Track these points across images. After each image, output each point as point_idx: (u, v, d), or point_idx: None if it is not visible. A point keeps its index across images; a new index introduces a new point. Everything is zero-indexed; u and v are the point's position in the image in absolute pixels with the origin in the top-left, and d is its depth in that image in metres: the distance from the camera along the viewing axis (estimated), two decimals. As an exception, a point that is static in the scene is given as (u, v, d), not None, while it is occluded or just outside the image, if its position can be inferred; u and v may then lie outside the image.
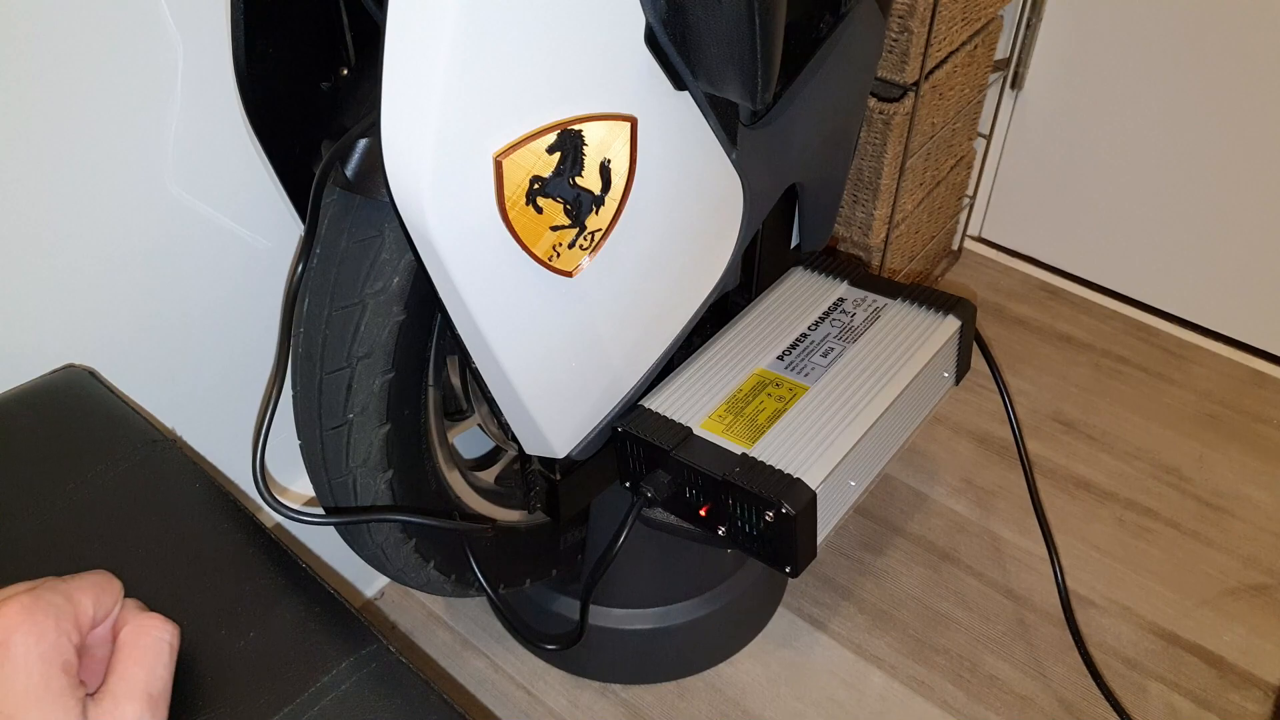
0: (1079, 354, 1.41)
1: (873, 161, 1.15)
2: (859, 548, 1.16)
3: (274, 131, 0.66)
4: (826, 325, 0.80)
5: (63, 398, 0.60)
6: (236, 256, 0.77)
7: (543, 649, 1.04)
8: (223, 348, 0.80)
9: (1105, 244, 1.47)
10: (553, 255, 0.55)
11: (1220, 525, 1.18)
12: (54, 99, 0.61)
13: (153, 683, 0.39)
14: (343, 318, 0.60)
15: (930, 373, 0.77)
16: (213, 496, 0.54)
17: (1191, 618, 1.08)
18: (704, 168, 0.62)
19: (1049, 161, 1.46)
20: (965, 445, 1.28)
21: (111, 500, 0.53)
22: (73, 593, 0.39)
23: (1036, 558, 1.14)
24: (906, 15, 1.03)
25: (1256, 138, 1.26)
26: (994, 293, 1.51)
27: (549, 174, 0.52)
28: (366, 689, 0.45)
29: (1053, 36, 1.36)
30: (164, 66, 0.66)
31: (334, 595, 0.49)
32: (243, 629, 0.47)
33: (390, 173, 0.49)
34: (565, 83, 0.50)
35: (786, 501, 0.64)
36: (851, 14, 0.69)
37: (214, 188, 0.73)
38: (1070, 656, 1.03)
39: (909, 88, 1.10)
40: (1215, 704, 1.00)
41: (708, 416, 0.72)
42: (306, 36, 0.64)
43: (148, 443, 0.57)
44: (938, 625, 1.08)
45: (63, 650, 0.37)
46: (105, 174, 0.66)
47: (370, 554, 0.72)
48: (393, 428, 0.65)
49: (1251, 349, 1.40)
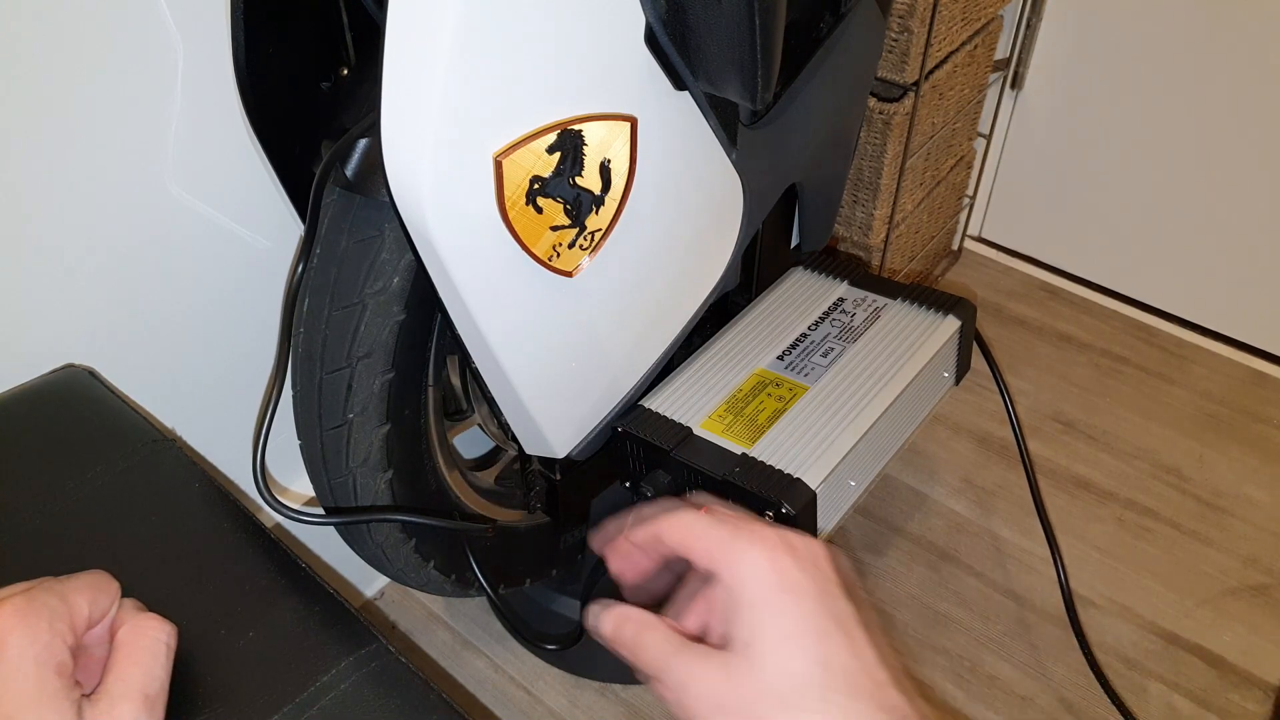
0: (1079, 354, 1.41)
1: (873, 161, 1.15)
2: (859, 548, 1.16)
3: (274, 131, 0.66)
4: (826, 325, 0.80)
5: (63, 397, 0.60)
6: (236, 256, 0.77)
7: (543, 649, 1.04)
8: (222, 347, 0.80)
9: (1105, 244, 1.47)
10: (553, 255, 0.55)
11: (1220, 525, 1.18)
12: (54, 99, 0.61)
13: (149, 683, 0.39)
14: (343, 318, 0.60)
15: (930, 373, 0.77)
16: (212, 496, 0.54)
17: (1191, 618, 1.08)
18: (704, 168, 0.62)
19: (1049, 161, 1.46)
20: (965, 445, 1.28)
21: (111, 500, 0.53)
22: (68, 594, 0.39)
23: (1037, 558, 1.14)
24: (906, 15, 1.03)
25: (1257, 138, 1.26)
26: (994, 293, 1.51)
27: (549, 174, 0.52)
28: (366, 688, 0.45)
29: (1053, 36, 1.36)
30: (164, 66, 0.66)
31: (333, 595, 0.49)
32: (242, 628, 0.47)
33: (390, 173, 0.49)
34: (565, 83, 0.50)
35: (786, 501, 0.64)
36: (851, 14, 0.69)
37: (214, 188, 0.73)
38: (1070, 656, 1.03)
39: (909, 88, 1.10)
40: (1215, 704, 1.00)
41: (708, 416, 0.72)
42: (306, 36, 0.64)
43: (147, 442, 0.57)
44: (938, 625, 1.08)
45: (56, 652, 0.37)
46: (105, 174, 0.66)
47: (370, 554, 0.73)
48: (393, 428, 0.65)
49: (1251, 349, 1.40)
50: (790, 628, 0.38)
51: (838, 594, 0.41)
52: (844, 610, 0.40)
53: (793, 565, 0.40)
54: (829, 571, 0.41)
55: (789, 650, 0.38)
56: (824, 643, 0.38)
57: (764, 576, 0.39)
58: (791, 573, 0.39)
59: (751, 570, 0.39)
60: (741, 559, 0.40)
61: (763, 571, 0.39)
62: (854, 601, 0.41)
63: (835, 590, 0.41)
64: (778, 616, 0.39)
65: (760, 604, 0.39)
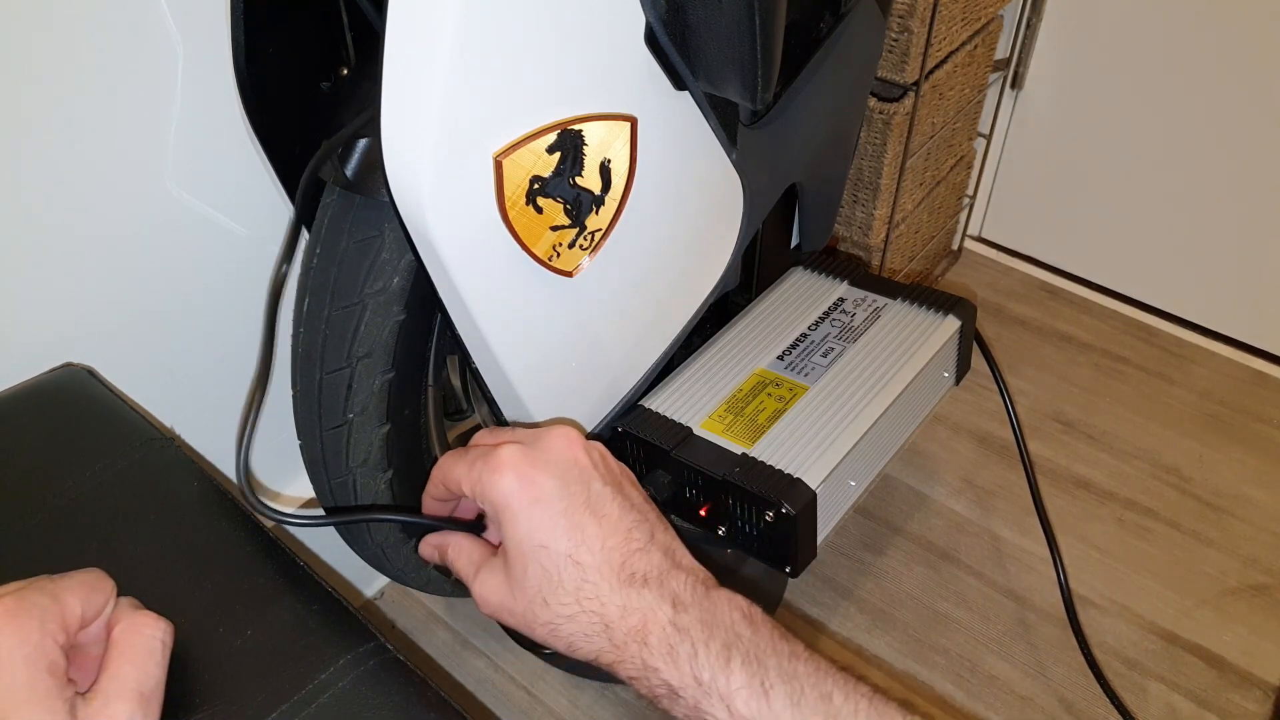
0: (1079, 354, 1.41)
1: (873, 161, 1.15)
2: (859, 548, 1.16)
3: (274, 131, 0.66)
4: (826, 325, 0.80)
5: (61, 396, 0.61)
6: (236, 256, 0.77)
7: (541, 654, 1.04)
8: (222, 347, 0.80)
9: (1105, 244, 1.47)
10: (553, 255, 0.55)
11: (1220, 525, 1.18)
12: (54, 99, 0.61)
13: (144, 681, 0.39)
14: (343, 318, 0.60)
15: (930, 373, 0.77)
16: (211, 495, 0.54)
17: (1191, 618, 1.08)
18: (704, 168, 0.62)
19: (1049, 161, 1.46)
20: (965, 445, 1.28)
21: (110, 498, 0.53)
22: (60, 593, 0.39)
23: (1037, 558, 1.14)
24: (906, 15, 1.03)
25: (1257, 137, 1.26)
26: (994, 293, 1.51)
27: (549, 174, 0.52)
28: (364, 686, 0.45)
29: (1053, 36, 1.36)
30: (164, 66, 0.66)
31: (332, 593, 0.49)
32: (240, 627, 0.47)
33: (390, 173, 0.49)
34: (565, 82, 0.50)
35: (786, 501, 0.64)
36: (852, 14, 0.69)
37: (214, 187, 0.73)
38: (1070, 656, 1.03)
39: (909, 88, 1.10)
40: (1215, 704, 1.00)
41: (708, 416, 0.72)
42: (306, 36, 0.64)
43: (146, 441, 0.57)
44: (938, 625, 1.08)
45: (48, 651, 0.37)
46: (105, 174, 0.66)
47: (370, 554, 0.73)
48: (393, 428, 0.65)
49: (1251, 349, 1.40)
50: (543, 536, 0.43)
51: (593, 487, 0.45)
52: (600, 500, 0.45)
53: (541, 476, 0.44)
54: (581, 462, 0.46)
55: (543, 557, 0.43)
56: (575, 538, 0.43)
57: (515, 494, 0.44)
58: (541, 483, 0.44)
59: (504, 493, 0.44)
60: (494, 485, 0.44)
61: (513, 491, 0.44)
62: (610, 479, 0.46)
63: (591, 484, 0.45)
64: (531, 529, 0.44)
65: (516, 519, 0.44)
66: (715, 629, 0.42)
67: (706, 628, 0.42)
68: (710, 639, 0.42)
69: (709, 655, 0.41)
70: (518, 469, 0.44)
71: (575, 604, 0.43)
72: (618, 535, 0.44)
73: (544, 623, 0.43)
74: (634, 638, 0.42)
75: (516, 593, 0.44)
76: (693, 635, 0.42)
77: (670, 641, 0.42)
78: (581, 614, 0.43)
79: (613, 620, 0.42)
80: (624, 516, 0.45)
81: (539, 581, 0.43)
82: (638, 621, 0.42)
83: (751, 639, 0.42)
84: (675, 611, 0.42)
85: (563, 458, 0.45)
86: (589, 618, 0.43)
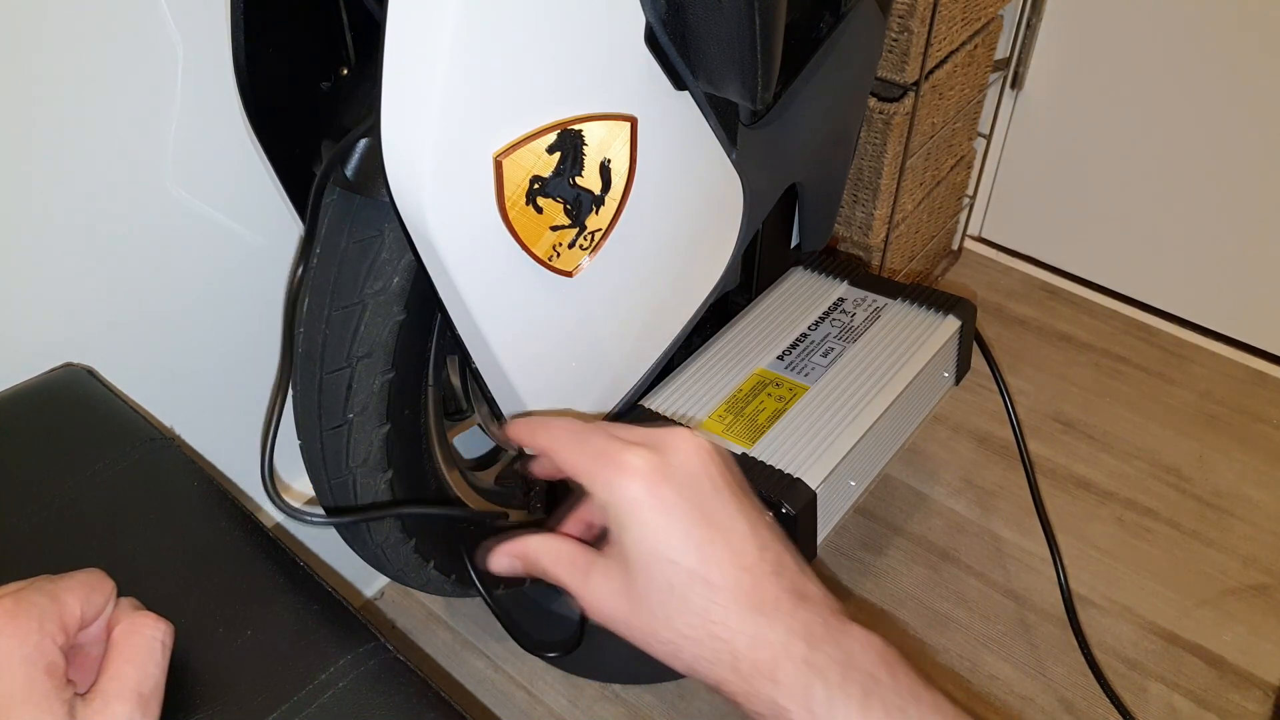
0: (1079, 354, 1.41)
1: (873, 161, 1.15)
2: (859, 548, 1.16)
3: (274, 131, 0.66)
4: (826, 325, 0.80)
5: (61, 396, 0.60)
6: (236, 256, 0.77)
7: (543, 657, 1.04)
8: (222, 347, 0.80)
9: (1105, 244, 1.47)
10: (553, 255, 0.55)
11: (1220, 525, 1.18)
12: (54, 99, 0.61)
13: (144, 681, 0.39)
14: (343, 317, 0.60)
15: (930, 373, 0.77)
16: (211, 495, 0.54)
17: (1191, 618, 1.08)
18: (704, 168, 0.62)
19: (1049, 161, 1.46)
20: (965, 445, 1.28)
21: (110, 498, 0.53)
22: (59, 593, 0.39)
23: (1037, 558, 1.14)
24: (906, 15, 1.03)
25: (1256, 137, 1.26)
26: (994, 293, 1.51)
27: (549, 174, 0.52)
28: (364, 686, 0.45)
29: (1053, 36, 1.36)
30: (164, 67, 0.66)
31: (332, 593, 0.49)
32: (240, 627, 0.47)
33: (390, 173, 0.49)
34: (565, 82, 0.50)
35: (786, 501, 0.64)
36: (851, 14, 0.69)
37: (214, 187, 0.73)
38: (1070, 656, 1.03)
39: (909, 88, 1.10)
40: (1215, 704, 1.00)
41: (708, 416, 0.72)
42: (306, 36, 0.64)
43: (146, 441, 0.57)
44: (938, 625, 1.08)
45: (46, 652, 0.37)
46: (105, 174, 0.66)
47: (370, 554, 0.73)
48: (393, 428, 0.65)
49: (1251, 349, 1.40)
50: (672, 550, 0.40)
51: (724, 502, 0.42)
52: (732, 518, 0.42)
53: (670, 488, 0.41)
54: (712, 474, 0.43)
55: (671, 572, 0.40)
56: (706, 555, 0.40)
57: (643, 503, 0.41)
58: (669, 495, 0.41)
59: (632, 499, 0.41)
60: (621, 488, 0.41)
61: (641, 499, 0.41)
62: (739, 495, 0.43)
63: (722, 498, 0.42)
64: (660, 542, 0.40)
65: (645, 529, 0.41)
66: (851, 670, 0.38)
67: (841, 668, 0.38)
68: (846, 681, 0.38)
69: (847, 701, 0.38)
70: (648, 479, 0.41)
71: (702, 627, 0.39)
72: (749, 556, 0.41)
73: (665, 640, 0.40)
74: (763, 673, 0.39)
75: (638, 606, 0.41)
76: (828, 676, 0.38)
77: (804, 682, 0.38)
78: (707, 639, 0.39)
79: (741, 651, 0.39)
80: (753, 535, 0.42)
81: (664, 597, 0.40)
82: (768, 656, 0.39)
83: (891, 685, 0.39)
84: (809, 648, 0.39)
85: (694, 469, 0.42)
86: (715, 644, 0.39)
